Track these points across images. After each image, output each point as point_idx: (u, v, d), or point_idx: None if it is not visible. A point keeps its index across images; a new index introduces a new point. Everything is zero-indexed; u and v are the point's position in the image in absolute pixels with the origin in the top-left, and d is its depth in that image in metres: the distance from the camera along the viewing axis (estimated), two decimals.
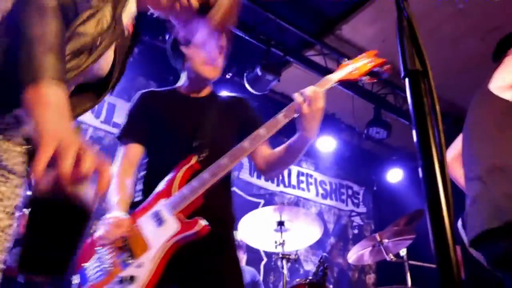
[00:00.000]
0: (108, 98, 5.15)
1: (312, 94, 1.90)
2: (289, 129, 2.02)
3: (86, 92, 1.46)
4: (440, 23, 5.05)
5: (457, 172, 2.50)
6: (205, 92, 2.31)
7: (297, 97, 1.90)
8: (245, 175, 6.25)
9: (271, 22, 4.99)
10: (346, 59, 2.17)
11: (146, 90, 2.32)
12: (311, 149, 6.86)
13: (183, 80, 2.30)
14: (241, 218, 3.76)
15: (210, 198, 1.94)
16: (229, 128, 2.23)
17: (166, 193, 1.96)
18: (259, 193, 6.40)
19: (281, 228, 3.72)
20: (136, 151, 2.15)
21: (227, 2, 1.41)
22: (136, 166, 2.16)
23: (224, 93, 2.56)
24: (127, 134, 2.17)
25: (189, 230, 1.84)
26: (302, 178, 7.10)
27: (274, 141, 2.10)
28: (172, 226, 1.87)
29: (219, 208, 2.07)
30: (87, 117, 5.03)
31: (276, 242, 3.70)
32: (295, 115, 1.93)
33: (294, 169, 7.01)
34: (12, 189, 1.21)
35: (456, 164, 2.48)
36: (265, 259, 6.00)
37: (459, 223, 3.20)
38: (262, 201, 6.35)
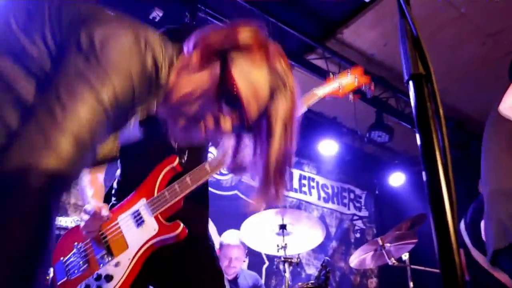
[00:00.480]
0: None
1: None
2: None
3: None
4: (442, 27, 5.05)
5: None
6: None
7: None
8: (247, 178, 6.24)
9: (272, 25, 5.00)
10: (331, 74, 2.22)
11: None
12: (313, 153, 6.86)
13: None
14: (243, 221, 3.76)
15: (189, 201, 1.96)
16: None
17: (148, 192, 1.96)
18: None
19: (283, 231, 3.72)
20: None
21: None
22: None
23: None
24: None
25: (168, 233, 1.87)
26: (304, 181, 7.09)
27: None
28: (151, 227, 1.88)
29: (197, 212, 2.08)
30: None
31: (278, 246, 3.70)
32: None
33: (296, 172, 7.00)
34: None
35: None
36: (267, 263, 5.99)
37: (462, 225, 3.23)
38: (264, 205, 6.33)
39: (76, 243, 2.01)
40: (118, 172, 2.22)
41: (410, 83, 0.86)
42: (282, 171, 1.16)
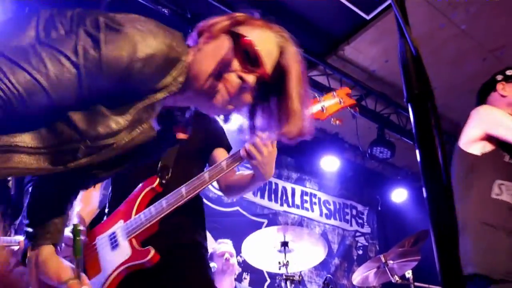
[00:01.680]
0: None
1: (260, 143, 1.92)
2: (294, 148, 2.04)
3: None
4: (443, 43, 5.09)
5: None
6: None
7: (247, 149, 1.93)
8: (248, 194, 6.22)
9: None
10: (317, 95, 2.15)
11: None
12: (315, 169, 6.85)
13: None
14: (245, 238, 3.74)
15: (167, 222, 1.93)
16: (193, 147, 2.19)
17: (126, 214, 1.96)
18: (262, 213, 6.36)
19: (284, 248, 3.69)
20: None
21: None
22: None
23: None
24: None
25: (140, 259, 1.85)
26: (306, 197, 7.06)
27: (277, 161, 2.09)
28: (124, 252, 1.87)
29: (189, 221, 2.06)
30: None
31: (280, 263, 3.67)
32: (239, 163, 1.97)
33: (298, 188, 6.98)
34: None
35: None
36: (268, 280, 5.93)
37: None
38: (266, 221, 6.31)
39: None
40: (109, 189, 2.23)
41: (410, 103, 0.86)
42: (304, 105, 1.24)
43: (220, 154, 2.23)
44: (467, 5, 4.63)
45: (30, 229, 1.34)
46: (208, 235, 2.39)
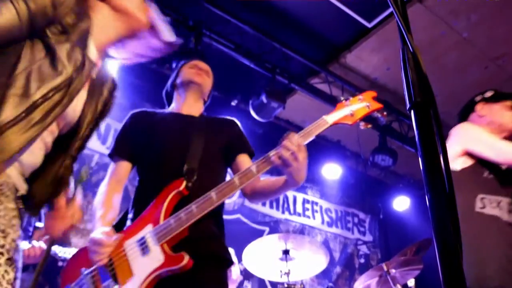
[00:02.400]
0: (114, 124, 5.18)
1: (294, 147, 1.85)
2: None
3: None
4: (445, 51, 5.10)
5: None
6: (196, 110, 2.35)
7: (279, 153, 1.87)
8: (250, 202, 6.21)
9: (276, 50, 5.05)
10: (343, 98, 2.10)
11: (139, 110, 2.35)
12: (317, 177, 6.83)
13: (174, 99, 2.42)
14: (246, 246, 3.72)
15: (196, 228, 1.91)
16: (216, 151, 2.20)
17: (154, 219, 1.92)
18: (264, 221, 6.34)
19: (286, 257, 3.68)
20: (124, 168, 2.19)
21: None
22: (124, 182, 2.19)
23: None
24: (117, 152, 2.22)
25: (174, 265, 1.82)
26: (308, 205, 7.04)
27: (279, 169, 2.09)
28: (157, 257, 1.84)
29: (206, 237, 2.03)
30: (93, 144, 5.05)
31: (281, 271, 3.65)
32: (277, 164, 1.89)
33: (300, 196, 6.96)
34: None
35: None
36: None
37: None
38: (267, 229, 6.29)
39: (83, 269, 1.94)
40: (135, 187, 2.19)
41: (412, 111, 0.86)
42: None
43: (243, 160, 2.21)
44: (468, 13, 4.65)
45: None
46: None
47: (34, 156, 1.38)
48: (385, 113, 2.10)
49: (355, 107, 2.04)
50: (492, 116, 2.65)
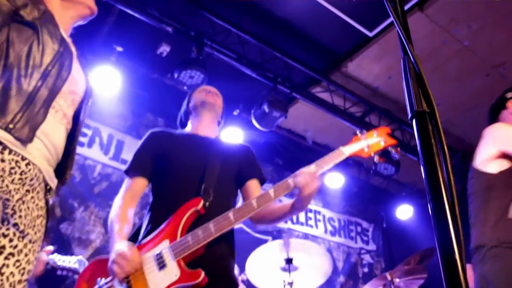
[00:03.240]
0: (117, 135, 5.19)
1: (310, 177, 2.00)
2: (298, 165, 2.05)
3: None
4: (446, 59, 5.10)
5: None
6: (212, 132, 2.42)
7: (296, 180, 2.01)
8: None
9: (277, 60, 5.07)
10: (358, 132, 2.23)
11: (158, 129, 2.42)
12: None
13: (189, 123, 2.49)
14: (249, 256, 3.70)
15: (211, 247, 1.97)
16: (231, 173, 2.28)
17: (171, 235, 1.96)
18: (266, 230, 6.33)
19: (289, 266, 3.65)
20: (140, 184, 2.23)
21: None
22: (139, 198, 2.24)
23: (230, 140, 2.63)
24: (134, 169, 2.25)
25: (190, 281, 1.85)
26: (310, 214, 7.02)
27: (281, 177, 2.11)
28: (173, 272, 1.87)
29: (220, 257, 2.06)
30: (96, 154, 5.06)
31: (284, 281, 3.63)
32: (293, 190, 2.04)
33: None
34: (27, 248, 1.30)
35: None
36: None
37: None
38: (270, 238, 6.27)
39: (99, 279, 1.97)
40: (150, 204, 2.23)
41: (414, 120, 0.86)
42: None
43: (254, 185, 2.31)
44: (469, 21, 4.66)
45: None
46: None
47: (59, 133, 1.43)
48: (398, 148, 2.21)
49: (371, 141, 2.18)
50: None
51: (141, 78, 5.12)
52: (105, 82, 4.54)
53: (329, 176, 6.48)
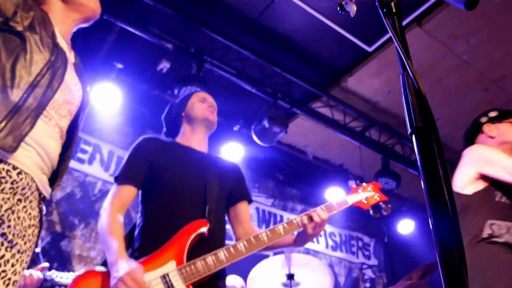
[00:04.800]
0: (117, 151, 5.19)
1: (319, 221, 2.12)
2: (299, 180, 2.05)
3: None
4: (445, 74, 5.13)
5: None
6: (205, 147, 2.38)
7: (306, 219, 2.13)
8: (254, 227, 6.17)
9: (277, 75, 5.10)
10: (353, 183, 2.58)
11: (151, 136, 2.34)
12: (320, 200, 6.80)
13: (183, 131, 2.42)
14: (249, 268, 3.68)
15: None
16: (226, 194, 2.28)
17: (177, 257, 1.91)
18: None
19: (290, 282, 3.63)
20: (130, 193, 2.12)
21: None
22: (127, 206, 2.13)
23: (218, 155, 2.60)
24: (126, 176, 2.13)
25: None
26: None
27: (282, 192, 2.11)
28: None
29: (218, 277, 2.04)
30: (96, 171, 5.06)
31: None
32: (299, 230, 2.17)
33: None
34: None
35: None
36: None
37: None
38: (271, 253, 6.23)
39: None
40: (140, 216, 2.14)
41: (414, 136, 0.86)
42: None
43: (244, 208, 2.35)
44: (467, 36, 4.70)
45: None
46: None
47: (53, 141, 1.41)
48: (389, 205, 2.49)
49: (368, 194, 2.51)
50: (503, 136, 2.58)
51: (141, 95, 5.14)
52: (105, 99, 4.56)
53: (330, 191, 6.47)
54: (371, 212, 2.50)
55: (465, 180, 2.46)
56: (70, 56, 1.56)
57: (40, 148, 1.34)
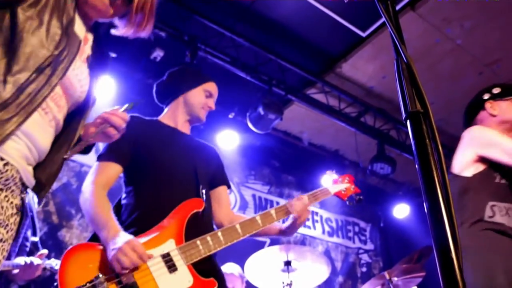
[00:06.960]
0: None
1: (305, 209, 2.26)
2: (295, 166, 2.07)
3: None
4: (439, 58, 5.13)
5: None
6: (187, 129, 2.38)
7: (294, 208, 2.25)
8: (250, 214, 6.19)
9: (272, 62, 5.08)
10: (332, 174, 2.84)
11: (136, 114, 2.27)
12: (316, 186, 6.81)
13: (169, 111, 2.40)
14: (246, 256, 3.71)
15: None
16: (210, 176, 2.30)
17: (176, 235, 1.89)
18: None
19: (288, 268, 3.66)
20: (115, 171, 2.07)
21: None
22: (111, 185, 2.07)
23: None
24: (110, 153, 2.08)
25: None
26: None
27: (278, 179, 2.12)
28: (186, 278, 1.82)
29: (213, 256, 2.05)
30: (92, 161, 5.04)
31: (283, 283, 3.63)
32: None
33: None
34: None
35: None
36: None
37: None
38: (268, 240, 6.27)
39: (97, 275, 1.70)
40: (125, 197, 2.10)
41: (408, 121, 0.87)
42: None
43: (224, 192, 2.37)
44: (461, 20, 4.69)
45: None
46: None
47: (46, 135, 1.38)
48: (361, 197, 2.75)
49: (345, 186, 2.71)
50: (504, 114, 2.53)
51: (136, 84, 5.12)
52: (99, 88, 4.53)
53: (325, 178, 6.48)
54: (347, 202, 2.72)
55: (464, 162, 2.44)
56: (86, 47, 1.49)
57: (30, 142, 1.31)
